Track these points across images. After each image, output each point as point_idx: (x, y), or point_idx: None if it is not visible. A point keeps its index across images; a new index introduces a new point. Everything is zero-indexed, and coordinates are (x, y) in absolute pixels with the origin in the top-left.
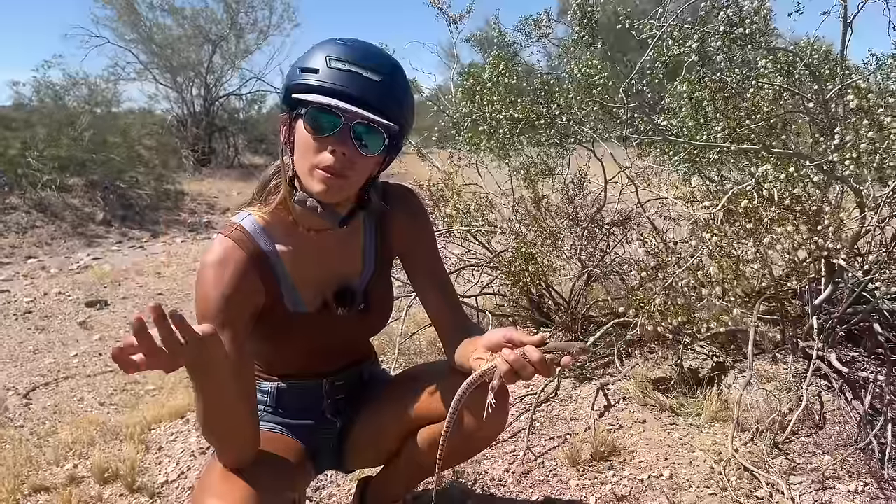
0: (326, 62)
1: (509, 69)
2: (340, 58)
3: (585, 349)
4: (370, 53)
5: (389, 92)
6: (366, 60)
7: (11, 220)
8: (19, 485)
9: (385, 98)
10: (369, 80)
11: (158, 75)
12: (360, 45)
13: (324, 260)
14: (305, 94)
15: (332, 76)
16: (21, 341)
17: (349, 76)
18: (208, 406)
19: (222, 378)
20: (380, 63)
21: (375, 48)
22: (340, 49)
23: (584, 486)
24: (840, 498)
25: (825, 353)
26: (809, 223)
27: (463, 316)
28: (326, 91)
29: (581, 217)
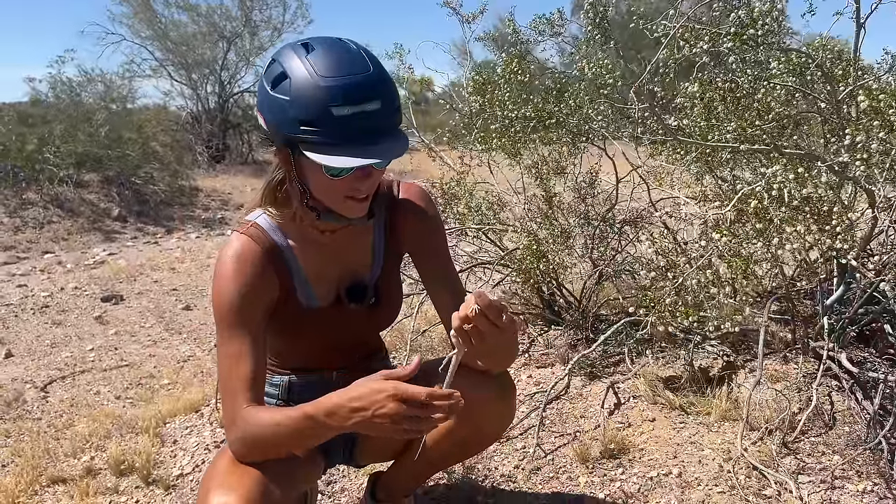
0: (328, 112)
1: (522, 67)
2: (339, 102)
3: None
4: (360, 78)
5: (391, 105)
6: (363, 92)
7: (29, 216)
8: (37, 476)
9: (391, 115)
10: (373, 111)
11: (173, 72)
12: (345, 72)
13: (336, 256)
14: (317, 152)
15: (340, 129)
16: (38, 335)
17: (355, 121)
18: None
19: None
20: (372, 83)
21: (350, 58)
22: (334, 89)
23: (594, 484)
24: (849, 497)
25: (836, 354)
26: (820, 223)
27: None
28: (336, 146)
29: (592, 216)
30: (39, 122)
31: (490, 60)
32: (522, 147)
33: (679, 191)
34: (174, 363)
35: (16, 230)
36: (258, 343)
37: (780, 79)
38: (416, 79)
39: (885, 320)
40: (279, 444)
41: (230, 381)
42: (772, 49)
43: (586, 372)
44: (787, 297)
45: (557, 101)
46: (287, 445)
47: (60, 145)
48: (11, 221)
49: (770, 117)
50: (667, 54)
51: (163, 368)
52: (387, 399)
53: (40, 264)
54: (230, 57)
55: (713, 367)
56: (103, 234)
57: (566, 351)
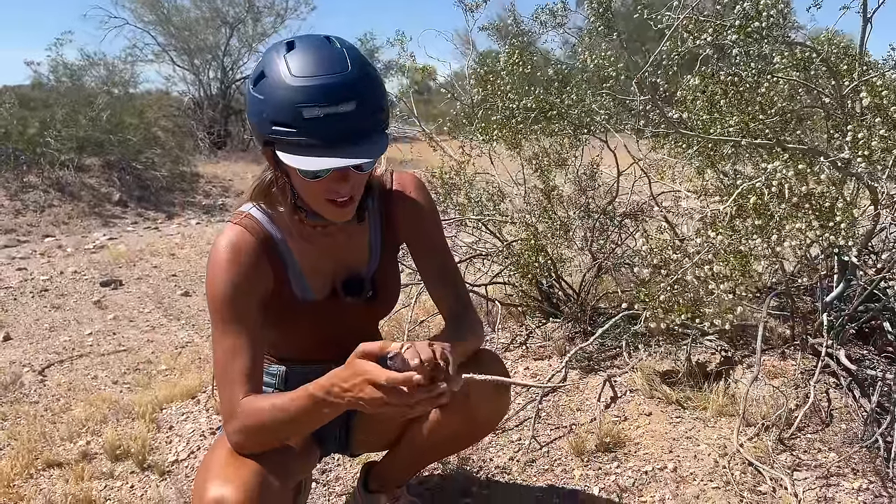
0: (299, 113)
1: (524, 59)
2: (311, 103)
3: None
4: (335, 78)
5: (369, 106)
6: (337, 92)
7: (29, 199)
8: (33, 459)
9: (368, 116)
10: (347, 114)
11: (176, 57)
12: (320, 72)
13: (331, 249)
14: (290, 154)
15: (311, 129)
16: (37, 318)
17: (328, 122)
18: (309, 428)
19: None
20: (348, 83)
21: (331, 58)
22: (306, 90)
23: (588, 477)
24: (844, 495)
25: (834, 351)
26: (821, 219)
27: (462, 305)
28: (309, 148)
29: (593, 208)
30: (41, 105)
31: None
32: (524, 138)
33: (680, 184)
34: (172, 349)
35: (16, 213)
36: (254, 335)
37: (784, 73)
38: (418, 67)
39: (884, 318)
40: (279, 430)
41: (227, 374)
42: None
43: (583, 365)
44: (786, 293)
45: (559, 92)
46: (287, 430)
47: (62, 129)
48: (12, 204)
49: (773, 112)
50: (670, 46)
51: (160, 354)
52: (363, 383)
53: (40, 248)
54: (233, 43)
55: (711, 362)
56: (104, 218)
57: (564, 343)
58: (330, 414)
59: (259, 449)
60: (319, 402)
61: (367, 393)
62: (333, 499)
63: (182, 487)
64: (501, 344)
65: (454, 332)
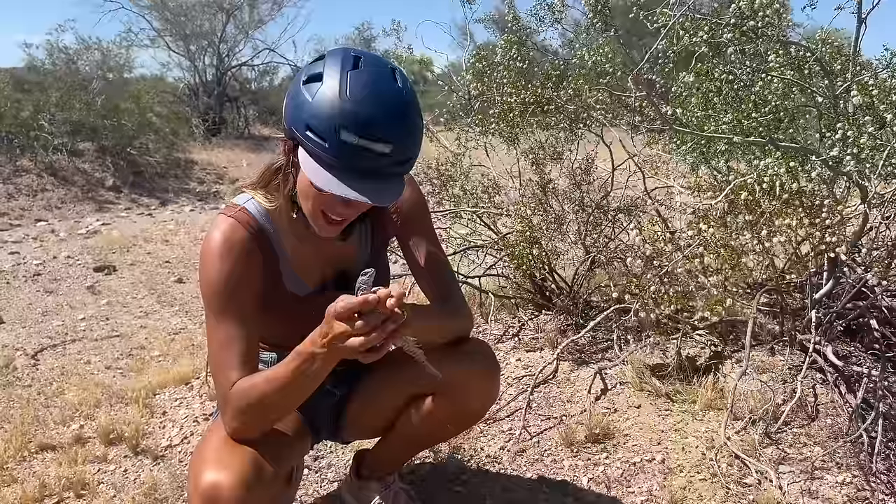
0: (336, 131)
1: (521, 53)
2: (351, 128)
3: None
4: (383, 112)
5: (402, 155)
6: (379, 130)
7: (22, 183)
8: (26, 442)
9: (397, 164)
10: (380, 154)
11: (171, 43)
12: (374, 102)
13: (322, 246)
14: (309, 158)
15: (340, 152)
16: (30, 303)
17: (357, 153)
18: (304, 392)
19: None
20: (393, 124)
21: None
22: (353, 113)
23: (578, 467)
24: (827, 488)
25: (822, 347)
26: (811, 217)
27: (447, 291)
28: (331, 166)
29: (587, 202)
30: (35, 88)
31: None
32: (520, 132)
33: (674, 180)
34: (165, 335)
35: (9, 197)
36: (248, 325)
37: (779, 72)
38: (415, 58)
39: (871, 315)
40: (275, 402)
41: (221, 364)
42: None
43: (575, 357)
44: (776, 290)
45: (556, 87)
46: (283, 400)
47: (56, 113)
48: (5, 188)
49: (766, 110)
50: (666, 44)
51: (154, 340)
52: (332, 321)
53: (33, 232)
54: (229, 29)
55: (700, 356)
56: (97, 203)
57: (556, 336)
58: (319, 371)
59: (256, 431)
60: (307, 356)
61: (337, 328)
62: (325, 485)
63: (175, 472)
64: (494, 335)
65: (429, 308)
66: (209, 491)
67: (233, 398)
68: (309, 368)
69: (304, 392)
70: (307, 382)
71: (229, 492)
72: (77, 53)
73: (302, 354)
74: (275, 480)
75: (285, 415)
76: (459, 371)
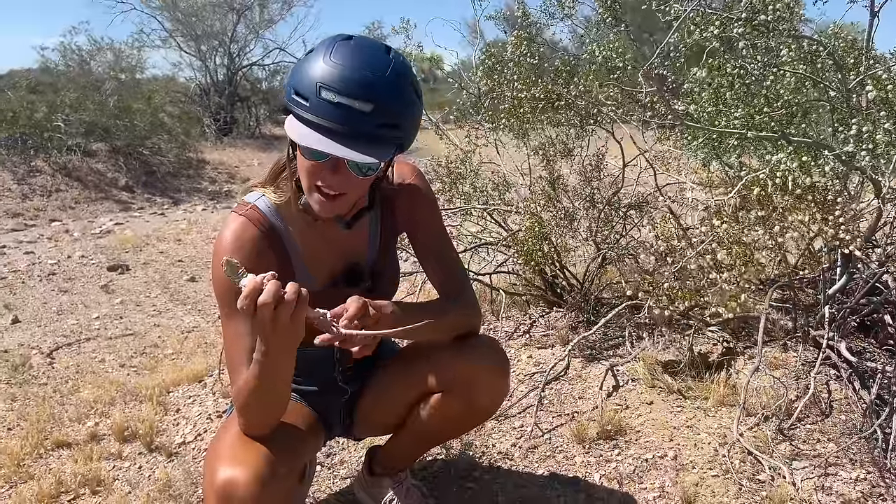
0: (316, 90)
1: (531, 49)
2: (330, 86)
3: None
4: (365, 74)
5: (384, 118)
6: (358, 88)
7: (37, 184)
8: (42, 440)
9: (378, 127)
10: (360, 112)
11: (182, 43)
12: (356, 66)
13: (332, 240)
14: (296, 123)
15: (320, 109)
16: (45, 302)
17: (337, 110)
18: (278, 376)
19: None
20: (374, 85)
21: (375, 60)
22: (332, 73)
23: (590, 464)
24: (842, 484)
25: (836, 343)
26: (824, 212)
27: (457, 289)
28: (314, 125)
29: (598, 199)
30: (49, 90)
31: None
32: (530, 128)
33: (686, 176)
34: (178, 333)
35: (24, 198)
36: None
37: (791, 66)
38: (424, 56)
39: (886, 311)
40: (262, 396)
41: (234, 360)
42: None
43: (586, 354)
44: (789, 286)
45: (567, 82)
46: (267, 392)
47: (70, 114)
48: (20, 189)
49: (779, 105)
50: (677, 38)
51: (167, 338)
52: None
53: (48, 232)
54: (239, 29)
55: (713, 352)
56: (110, 203)
57: (567, 333)
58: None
59: (261, 427)
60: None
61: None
62: (338, 482)
63: (189, 469)
64: (505, 332)
65: (437, 304)
66: (225, 487)
67: (237, 395)
68: (273, 356)
69: (281, 378)
70: (279, 371)
71: (244, 487)
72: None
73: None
74: (289, 476)
75: (277, 409)
76: (468, 367)
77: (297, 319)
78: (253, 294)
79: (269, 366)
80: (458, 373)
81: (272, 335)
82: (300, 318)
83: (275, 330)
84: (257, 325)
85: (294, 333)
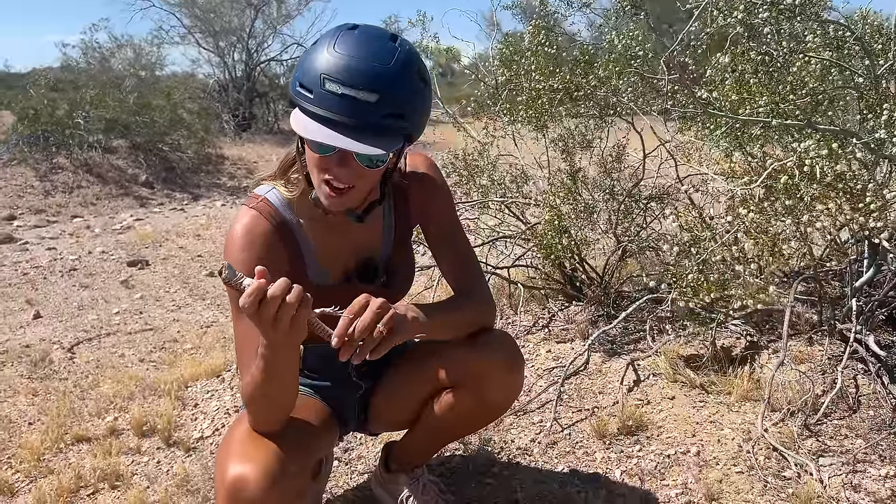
0: (321, 82)
1: (549, 39)
2: (335, 77)
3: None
4: (369, 64)
5: (389, 108)
6: (362, 78)
7: (59, 180)
8: (63, 434)
9: (384, 117)
10: (365, 102)
11: (201, 39)
12: (360, 56)
13: (345, 234)
14: (302, 116)
15: (324, 101)
16: (66, 297)
17: (342, 102)
18: (283, 370)
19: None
20: (379, 74)
21: (379, 49)
22: (336, 64)
23: (610, 459)
24: (870, 481)
25: (863, 336)
26: (852, 202)
27: (470, 283)
28: (320, 118)
29: (618, 191)
30: (70, 87)
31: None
32: (549, 119)
33: (707, 167)
34: (197, 328)
35: (46, 194)
36: None
37: (817, 52)
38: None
39: None
40: (271, 383)
41: (244, 356)
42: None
43: (606, 348)
44: (814, 278)
45: (585, 72)
46: (275, 381)
47: (90, 111)
48: (42, 185)
49: (804, 92)
50: (699, 26)
51: (186, 333)
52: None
53: (69, 228)
54: (257, 25)
55: (736, 346)
56: (130, 199)
57: (586, 327)
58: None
59: (270, 422)
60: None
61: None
62: (356, 477)
63: (207, 463)
64: (523, 327)
65: (453, 303)
66: (234, 483)
67: (244, 390)
68: (272, 351)
69: (286, 375)
70: (282, 368)
71: (254, 484)
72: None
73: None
74: (300, 474)
75: (284, 404)
76: (479, 362)
77: (298, 322)
78: (256, 293)
79: (272, 360)
80: (469, 368)
81: (273, 334)
82: (301, 321)
83: (276, 330)
84: (259, 324)
85: (295, 334)
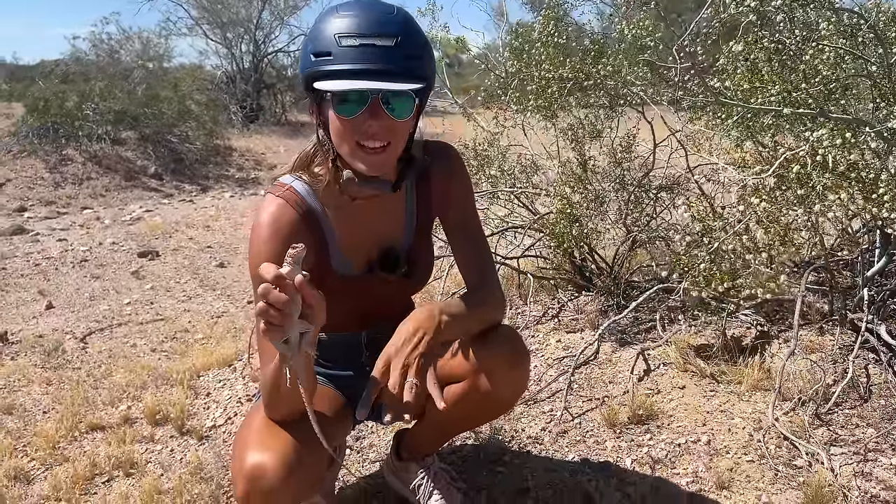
0: (337, 41)
1: (559, 29)
2: (350, 33)
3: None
4: (377, 16)
5: (407, 50)
6: (376, 27)
7: (68, 172)
8: (77, 423)
9: (405, 59)
10: (384, 47)
11: (209, 31)
12: (367, 13)
13: (369, 224)
14: (325, 80)
15: (346, 56)
16: (78, 288)
17: (363, 51)
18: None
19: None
20: (389, 23)
21: (382, 6)
22: (346, 22)
23: (621, 448)
24: (882, 470)
25: (875, 326)
26: (865, 191)
27: (485, 278)
28: (345, 73)
29: (628, 181)
30: (79, 79)
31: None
32: (559, 109)
33: (718, 157)
34: (208, 318)
35: (56, 186)
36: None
37: (830, 40)
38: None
39: None
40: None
41: (263, 345)
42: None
43: (616, 338)
44: (826, 268)
45: (595, 62)
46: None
47: (99, 103)
48: (52, 177)
49: (817, 80)
50: (710, 14)
51: (197, 323)
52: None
53: (79, 219)
54: (265, 16)
55: (746, 336)
56: (140, 191)
57: (596, 317)
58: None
59: (280, 414)
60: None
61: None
62: (367, 465)
63: (220, 452)
64: (533, 316)
65: (465, 300)
66: (253, 471)
67: (262, 380)
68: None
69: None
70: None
71: (273, 472)
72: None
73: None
74: (316, 464)
75: (290, 403)
76: (486, 357)
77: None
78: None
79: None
80: (476, 363)
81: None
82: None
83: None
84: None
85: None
